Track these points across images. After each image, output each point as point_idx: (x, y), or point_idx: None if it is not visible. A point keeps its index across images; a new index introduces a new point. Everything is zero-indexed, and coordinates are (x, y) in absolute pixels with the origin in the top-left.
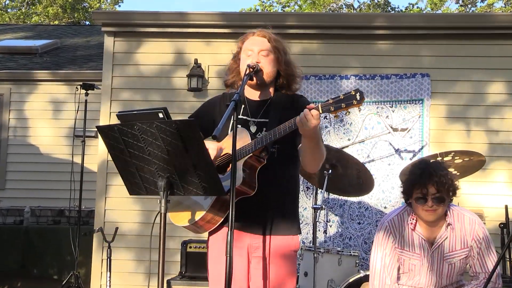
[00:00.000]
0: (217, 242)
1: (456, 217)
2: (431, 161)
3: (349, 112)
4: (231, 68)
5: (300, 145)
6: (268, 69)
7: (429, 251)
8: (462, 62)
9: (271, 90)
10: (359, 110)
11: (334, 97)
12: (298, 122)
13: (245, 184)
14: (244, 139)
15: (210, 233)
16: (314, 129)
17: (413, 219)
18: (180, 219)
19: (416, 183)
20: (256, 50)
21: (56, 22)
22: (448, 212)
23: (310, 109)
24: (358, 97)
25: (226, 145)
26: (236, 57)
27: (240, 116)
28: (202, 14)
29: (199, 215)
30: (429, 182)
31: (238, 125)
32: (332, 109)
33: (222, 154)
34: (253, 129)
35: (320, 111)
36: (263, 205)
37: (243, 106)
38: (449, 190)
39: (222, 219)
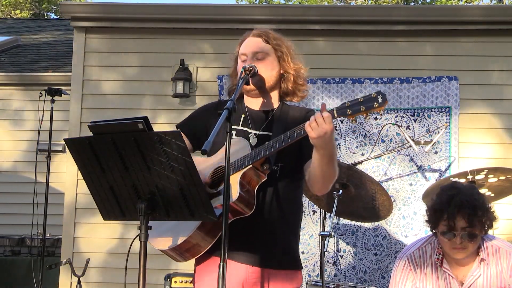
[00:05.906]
0: (206, 276)
1: (490, 250)
2: (464, 184)
3: (369, 117)
4: (232, 75)
5: (308, 161)
6: (266, 74)
7: None
8: (498, 62)
9: (275, 98)
10: (381, 115)
11: (352, 99)
12: (307, 127)
13: (241, 201)
14: (243, 150)
15: (198, 263)
16: (327, 137)
17: (439, 253)
18: (158, 241)
19: (444, 212)
20: (250, 54)
21: (19, 12)
22: (482, 244)
23: (322, 112)
24: (380, 100)
25: (221, 157)
26: (235, 62)
27: (239, 127)
28: (189, 6)
29: (182, 237)
30: (459, 214)
31: (238, 136)
32: (350, 112)
33: (216, 167)
34: (253, 141)
35: (335, 115)
36: (261, 231)
37: (243, 116)
38: (484, 223)
39: (211, 244)
